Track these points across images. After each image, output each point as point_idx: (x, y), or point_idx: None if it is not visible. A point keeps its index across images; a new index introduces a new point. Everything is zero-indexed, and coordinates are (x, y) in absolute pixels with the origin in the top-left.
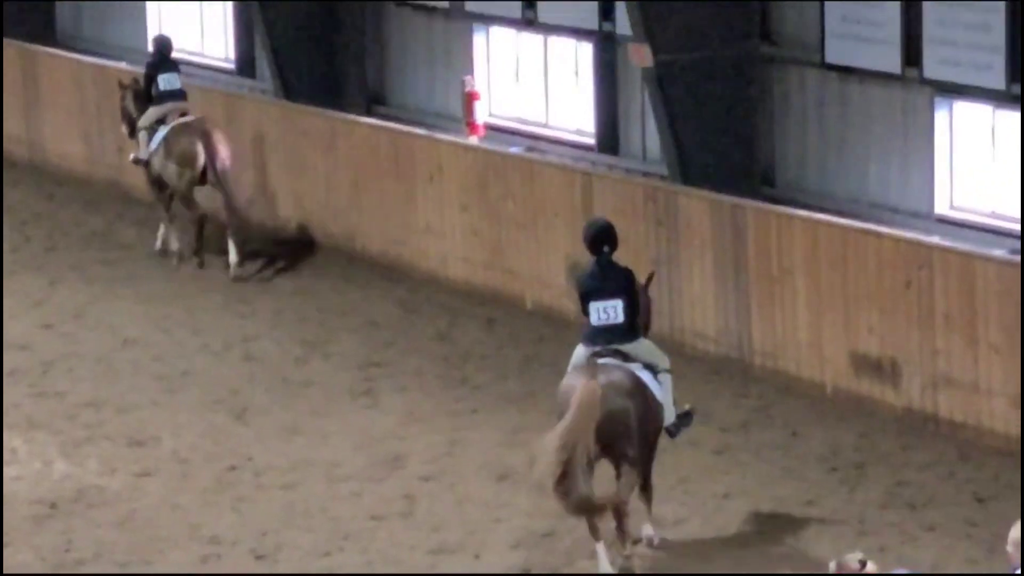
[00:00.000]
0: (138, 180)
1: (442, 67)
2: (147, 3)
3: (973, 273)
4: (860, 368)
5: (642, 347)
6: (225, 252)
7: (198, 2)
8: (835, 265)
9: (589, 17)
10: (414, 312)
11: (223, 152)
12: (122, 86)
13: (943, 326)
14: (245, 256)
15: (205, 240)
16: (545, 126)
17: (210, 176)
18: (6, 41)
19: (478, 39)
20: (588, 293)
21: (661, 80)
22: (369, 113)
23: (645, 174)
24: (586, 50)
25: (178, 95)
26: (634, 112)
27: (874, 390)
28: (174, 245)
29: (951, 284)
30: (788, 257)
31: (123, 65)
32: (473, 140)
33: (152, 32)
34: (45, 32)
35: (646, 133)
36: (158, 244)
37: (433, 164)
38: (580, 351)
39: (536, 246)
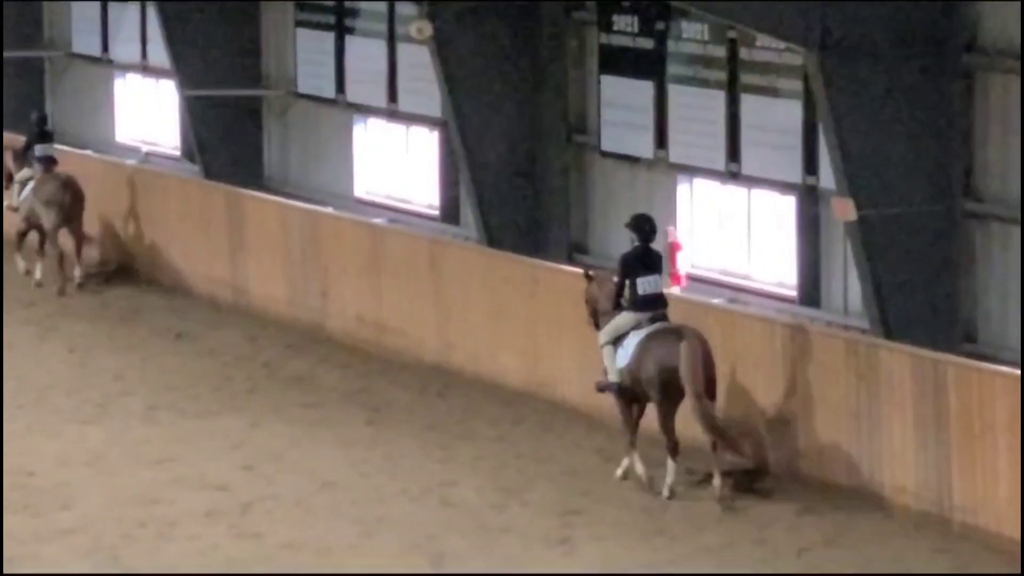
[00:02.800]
0: (340, 324)
1: None
2: (354, 150)
3: None
4: None
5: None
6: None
7: (405, 149)
8: None
9: (792, 170)
10: (613, 460)
11: (81, 194)
12: (4, 148)
13: None
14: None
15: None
16: (747, 278)
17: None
18: (214, 184)
19: (682, 190)
20: (636, 269)
21: (864, 234)
22: (571, 261)
23: (846, 327)
24: (789, 203)
25: (49, 161)
26: (836, 265)
27: None
28: (37, 275)
29: None
30: (990, 413)
31: (329, 210)
32: (675, 290)
33: (359, 179)
34: (252, 176)
35: (848, 287)
36: (37, 275)
37: None
38: (628, 316)
39: (735, 397)
